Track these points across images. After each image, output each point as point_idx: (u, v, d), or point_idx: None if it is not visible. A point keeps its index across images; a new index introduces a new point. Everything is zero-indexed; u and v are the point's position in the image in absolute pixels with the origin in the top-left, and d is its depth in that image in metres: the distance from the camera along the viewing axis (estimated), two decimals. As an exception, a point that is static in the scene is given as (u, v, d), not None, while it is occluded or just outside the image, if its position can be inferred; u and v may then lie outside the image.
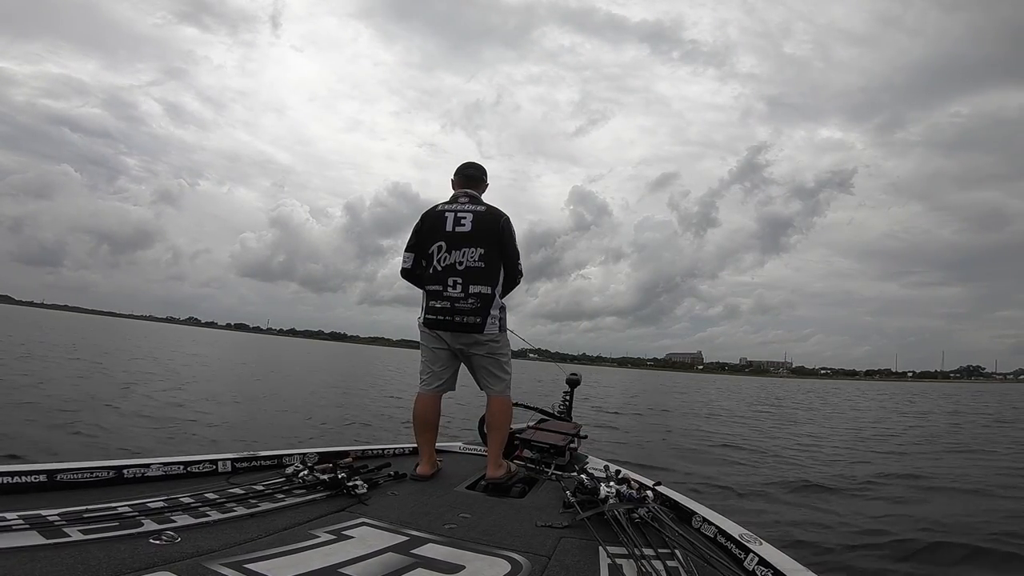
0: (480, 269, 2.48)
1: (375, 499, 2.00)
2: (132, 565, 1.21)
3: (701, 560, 1.55)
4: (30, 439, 4.81)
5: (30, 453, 4.26)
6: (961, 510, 4.49)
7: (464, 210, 2.54)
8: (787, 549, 1.62)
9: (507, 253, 2.58)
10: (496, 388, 2.58)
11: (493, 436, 2.55)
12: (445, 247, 2.50)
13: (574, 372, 4.04)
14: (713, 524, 1.87)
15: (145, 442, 5.18)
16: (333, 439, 6.44)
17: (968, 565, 3.30)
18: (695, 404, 18.74)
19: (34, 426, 5.41)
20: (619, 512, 1.79)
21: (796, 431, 11.12)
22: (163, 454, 2.29)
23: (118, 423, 6.05)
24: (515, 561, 1.50)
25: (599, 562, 1.53)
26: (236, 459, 2.20)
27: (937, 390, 55.12)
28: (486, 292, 2.48)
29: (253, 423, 7.21)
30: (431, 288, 2.51)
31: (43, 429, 5.34)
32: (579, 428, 3.33)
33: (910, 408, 21.09)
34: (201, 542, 1.39)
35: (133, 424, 6.12)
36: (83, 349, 18.24)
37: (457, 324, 2.47)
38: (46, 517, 1.38)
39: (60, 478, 1.69)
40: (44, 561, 1.17)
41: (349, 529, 1.64)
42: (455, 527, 1.77)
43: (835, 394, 34.95)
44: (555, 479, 2.60)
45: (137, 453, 4.54)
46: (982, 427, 12.96)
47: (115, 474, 1.83)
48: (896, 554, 3.44)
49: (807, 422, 13.60)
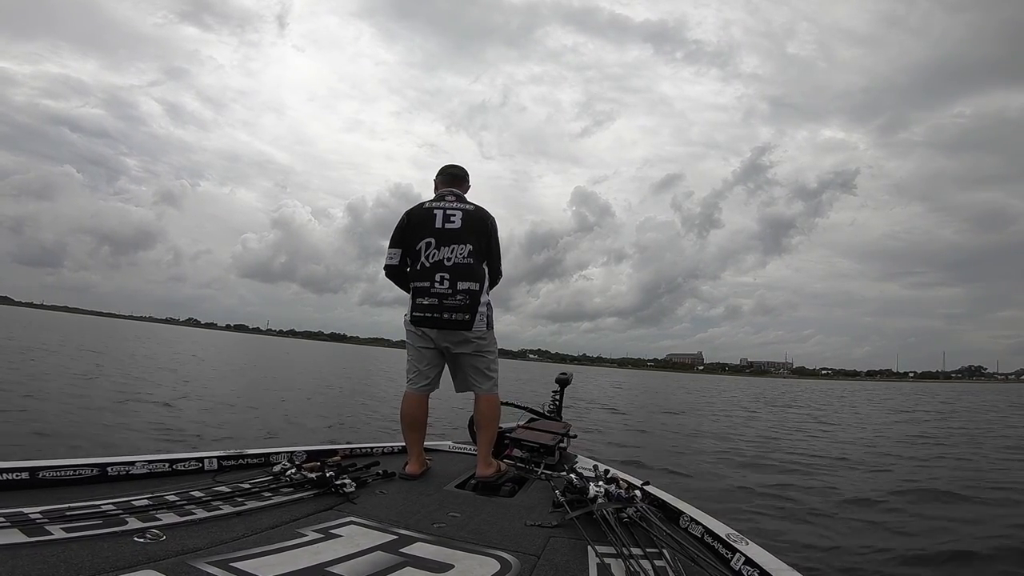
0: (469, 265, 2.49)
1: (363, 498, 2.00)
2: (116, 563, 1.20)
3: (688, 560, 1.55)
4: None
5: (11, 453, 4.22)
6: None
7: (453, 207, 2.55)
8: (773, 549, 1.62)
9: (492, 252, 2.62)
10: (484, 386, 2.58)
11: (482, 435, 2.54)
12: (434, 243, 2.49)
13: (564, 371, 4.03)
14: (700, 524, 1.87)
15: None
16: (321, 438, 6.40)
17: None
18: (725, 407, 18.38)
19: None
20: (608, 511, 1.80)
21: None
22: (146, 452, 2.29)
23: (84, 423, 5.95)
24: (504, 560, 1.50)
25: (588, 561, 1.54)
26: (223, 457, 2.19)
27: (950, 390, 54.13)
28: (474, 288, 2.49)
29: (226, 422, 7.14)
30: (418, 285, 2.50)
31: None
32: (569, 427, 3.32)
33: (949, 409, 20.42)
34: (187, 540, 1.39)
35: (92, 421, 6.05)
36: (65, 349, 17.92)
37: (445, 321, 2.47)
38: (28, 515, 1.37)
39: (42, 476, 1.68)
40: (26, 559, 1.16)
41: (337, 528, 1.64)
42: (444, 526, 1.77)
43: (854, 396, 33.29)
44: (545, 478, 2.59)
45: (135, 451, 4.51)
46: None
47: (99, 472, 1.82)
48: (896, 556, 3.44)
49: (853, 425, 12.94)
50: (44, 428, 5.39)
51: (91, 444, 4.90)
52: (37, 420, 5.72)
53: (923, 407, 21.34)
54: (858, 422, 13.97)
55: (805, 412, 17.31)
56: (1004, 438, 10.37)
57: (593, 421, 10.66)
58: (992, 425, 13.27)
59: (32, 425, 5.47)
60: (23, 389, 7.68)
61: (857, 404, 23.11)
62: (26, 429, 5.28)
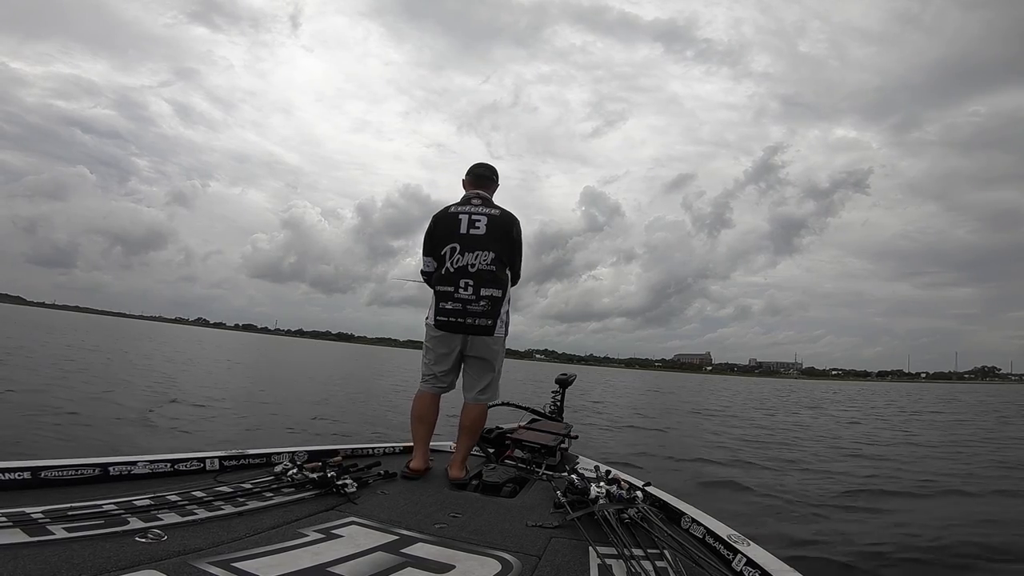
0: (492, 272, 2.49)
1: (365, 498, 2.00)
2: (118, 563, 1.21)
3: (690, 560, 1.55)
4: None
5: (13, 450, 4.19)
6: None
7: (478, 212, 2.54)
8: (775, 550, 1.61)
9: (515, 257, 2.61)
10: (482, 396, 2.59)
11: (464, 440, 2.55)
12: (459, 249, 2.50)
13: (564, 372, 4.02)
14: (702, 525, 1.87)
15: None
16: (322, 438, 6.37)
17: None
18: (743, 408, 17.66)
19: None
20: (609, 512, 1.79)
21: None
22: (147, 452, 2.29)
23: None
24: (505, 561, 1.50)
25: (589, 562, 1.53)
26: (224, 457, 2.20)
27: (976, 391, 51.98)
28: (497, 295, 2.50)
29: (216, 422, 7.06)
30: (442, 289, 2.51)
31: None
32: (570, 428, 3.32)
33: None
34: (188, 540, 1.39)
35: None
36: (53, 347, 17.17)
37: (468, 326, 2.48)
38: (30, 515, 1.38)
39: (44, 475, 1.69)
40: (27, 559, 1.17)
41: (338, 528, 1.64)
42: (445, 526, 1.77)
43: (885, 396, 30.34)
44: (546, 479, 2.59)
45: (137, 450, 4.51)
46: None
47: (101, 472, 1.82)
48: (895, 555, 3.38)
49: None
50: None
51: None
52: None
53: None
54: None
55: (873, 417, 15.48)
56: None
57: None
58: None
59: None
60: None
61: (904, 406, 21.29)
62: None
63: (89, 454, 1.91)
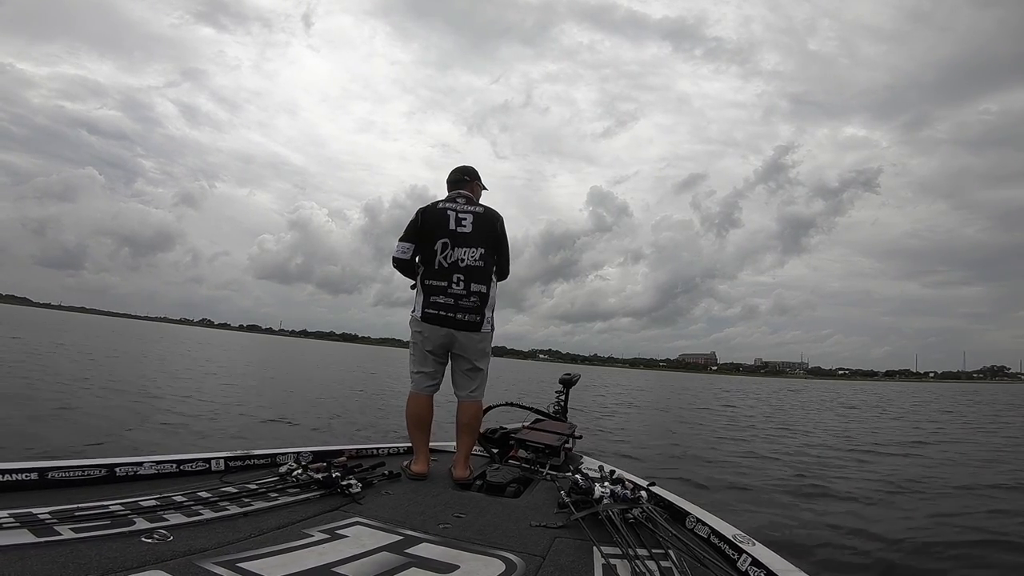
0: (480, 268, 2.54)
1: (369, 498, 2.01)
2: (124, 564, 1.22)
3: (694, 560, 1.55)
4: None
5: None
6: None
7: (464, 210, 2.59)
8: (780, 550, 1.60)
9: (502, 253, 2.66)
10: (474, 392, 2.61)
11: (465, 439, 2.56)
12: (449, 244, 2.53)
13: (568, 372, 4.03)
14: (707, 524, 1.86)
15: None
16: (327, 438, 6.35)
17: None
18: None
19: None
20: (613, 512, 1.79)
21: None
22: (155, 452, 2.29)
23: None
24: (509, 561, 1.50)
25: (593, 562, 1.53)
26: (229, 458, 2.21)
27: (996, 390, 50.33)
28: (484, 291, 2.55)
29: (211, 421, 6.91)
30: (434, 284, 2.53)
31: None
32: (574, 428, 3.31)
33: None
34: (194, 541, 1.40)
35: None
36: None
37: (458, 321, 2.51)
38: (37, 515, 1.39)
39: (51, 476, 1.70)
40: (35, 560, 1.18)
41: (343, 528, 1.65)
42: (449, 527, 1.77)
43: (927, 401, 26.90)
44: (550, 479, 2.59)
45: (137, 450, 4.53)
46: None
47: (107, 472, 1.84)
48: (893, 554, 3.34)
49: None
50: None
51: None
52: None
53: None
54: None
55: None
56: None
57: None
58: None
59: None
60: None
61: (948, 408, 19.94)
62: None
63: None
